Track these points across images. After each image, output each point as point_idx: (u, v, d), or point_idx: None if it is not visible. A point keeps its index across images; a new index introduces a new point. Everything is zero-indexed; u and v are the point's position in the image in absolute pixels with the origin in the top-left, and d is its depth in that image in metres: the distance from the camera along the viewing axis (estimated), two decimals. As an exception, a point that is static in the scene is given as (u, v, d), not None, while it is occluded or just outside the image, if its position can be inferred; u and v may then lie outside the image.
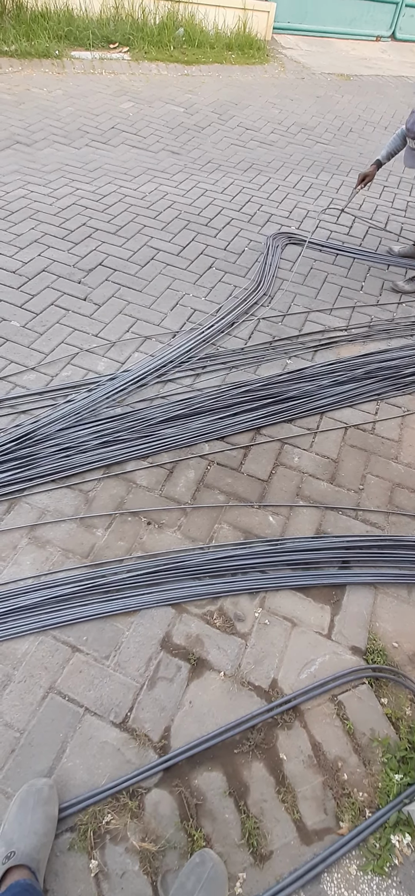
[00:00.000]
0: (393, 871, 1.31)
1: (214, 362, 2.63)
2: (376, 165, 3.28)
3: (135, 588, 1.77)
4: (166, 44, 6.60)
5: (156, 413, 2.33)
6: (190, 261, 3.33)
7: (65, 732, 1.46)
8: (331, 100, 6.24)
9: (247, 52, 7.05)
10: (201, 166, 4.43)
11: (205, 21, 6.98)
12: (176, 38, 6.70)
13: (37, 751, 1.42)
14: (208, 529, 1.96)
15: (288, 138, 5.14)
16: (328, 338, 2.85)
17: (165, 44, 6.60)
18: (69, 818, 1.33)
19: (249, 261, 3.40)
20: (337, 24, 8.07)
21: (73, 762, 1.42)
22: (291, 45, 7.58)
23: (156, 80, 5.93)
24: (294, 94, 6.23)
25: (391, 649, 1.70)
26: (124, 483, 2.08)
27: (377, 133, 5.56)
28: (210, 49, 6.89)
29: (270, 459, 2.23)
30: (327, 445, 2.31)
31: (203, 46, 6.87)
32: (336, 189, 4.37)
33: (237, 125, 5.24)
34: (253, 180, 4.34)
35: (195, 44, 6.81)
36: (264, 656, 1.65)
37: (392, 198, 4.39)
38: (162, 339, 2.73)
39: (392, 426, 2.42)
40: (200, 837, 1.32)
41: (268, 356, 2.69)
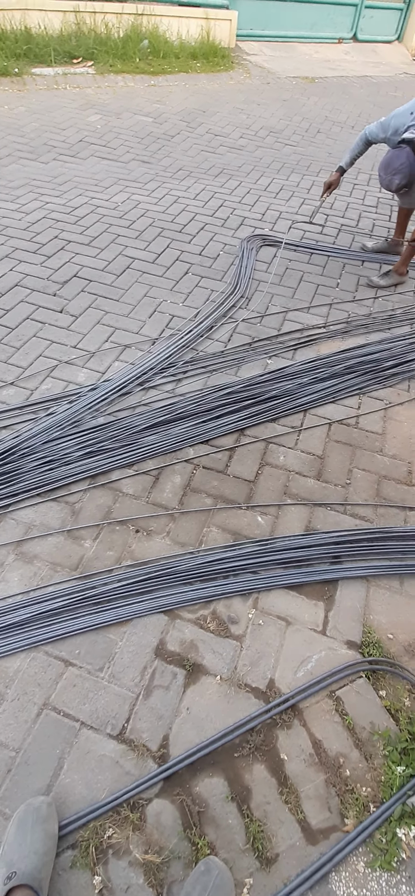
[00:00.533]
0: (401, 866, 1.30)
1: (195, 366, 2.62)
2: (339, 172, 3.28)
3: (126, 597, 1.75)
4: (131, 56, 6.62)
5: (139, 420, 2.31)
6: (166, 267, 3.33)
7: (61, 748, 1.43)
8: (297, 102, 6.31)
9: (212, 61, 7.11)
10: (173, 174, 4.44)
11: (169, 32, 7.02)
12: (141, 50, 6.72)
13: (33, 769, 1.38)
14: (197, 533, 1.95)
15: (257, 142, 5.18)
16: (307, 336, 2.86)
17: (130, 56, 6.62)
18: (70, 835, 1.30)
19: (224, 264, 3.40)
20: (299, 28, 8.18)
21: (72, 778, 1.39)
22: (255, 52, 7.66)
23: (123, 92, 5.94)
24: (261, 98, 6.29)
25: (387, 641, 1.70)
26: (110, 492, 2.05)
27: (345, 133, 5.63)
28: (175, 59, 6.93)
29: (255, 460, 2.22)
30: (311, 442, 2.31)
31: (168, 57, 6.91)
32: (307, 189, 4.42)
33: (206, 132, 5.27)
34: (224, 185, 4.36)
35: (160, 55, 6.85)
36: (260, 657, 1.64)
37: (363, 195, 4.45)
38: (142, 347, 2.72)
39: (375, 419, 2.44)
40: (205, 845, 1.30)
41: (248, 357, 2.69)
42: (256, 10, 7.73)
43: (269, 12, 7.84)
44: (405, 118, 2.78)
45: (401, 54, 8.60)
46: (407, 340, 2.84)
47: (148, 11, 6.76)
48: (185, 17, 7.08)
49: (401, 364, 2.68)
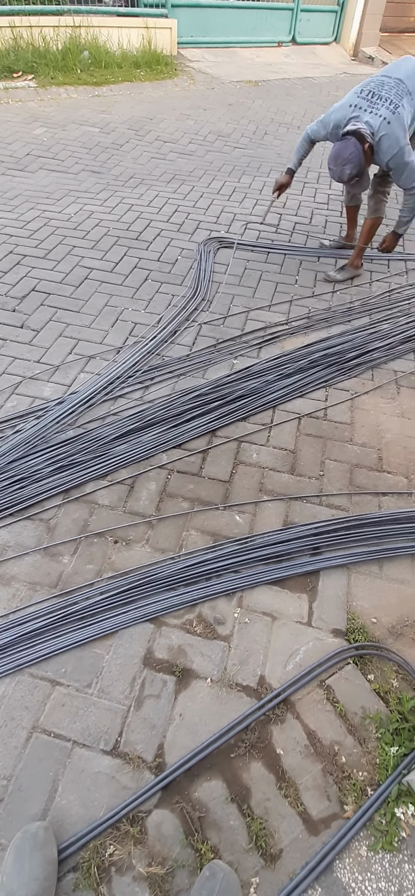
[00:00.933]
0: (402, 845, 1.32)
1: (162, 372, 2.61)
2: (288, 174, 3.31)
3: (109, 610, 1.72)
4: (72, 67, 6.56)
5: (109, 430, 2.28)
6: (125, 276, 3.30)
7: (54, 770, 1.39)
8: (243, 106, 6.39)
9: (155, 69, 7.12)
10: (124, 182, 4.41)
11: (109, 42, 6.99)
12: (82, 62, 6.67)
13: (27, 795, 1.34)
14: (177, 538, 1.94)
15: (206, 147, 5.22)
16: (271, 333, 2.89)
17: (71, 68, 6.55)
18: (70, 858, 1.27)
19: (183, 269, 3.40)
20: (239, 33, 8.29)
21: (67, 799, 1.35)
22: (198, 58, 7.71)
23: (67, 104, 5.87)
24: (206, 104, 6.33)
25: (371, 625, 1.73)
26: (86, 505, 2.02)
27: (291, 133, 5.74)
28: (118, 68, 6.91)
29: (229, 460, 2.23)
30: (283, 438, 2.33)
31: (111, 67, 6.88)
32: (259, 190, 4.47)
33: (155, 139, 5.26)
34: (177, 190, 4.36)
35: (102, 65, 6.81)
36: (249, 655, 1.64)
37: (314, 193, 4.54)
38: (106, 357, 2.69)
39: (343, 410, 2.48)
40: (208, 850, 1.29)
41: (214, 359, 2.70)
42: (196, 17, 7.79)
43: (208, 19, 7.91)
44: (345, 111, 2.83)
45: (339, 55, 8.84)
46: (367, 331, 2.91)
47: (86, 23, 6.71)
48: (124, 27, 7.06)
49: (363, 354, 2.74)
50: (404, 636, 1.71)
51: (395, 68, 2.89)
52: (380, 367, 2.73)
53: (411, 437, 2.37)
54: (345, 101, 2.87)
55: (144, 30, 7.17)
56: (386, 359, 2.77)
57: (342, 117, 2.84)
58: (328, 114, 2.96)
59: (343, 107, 2.86)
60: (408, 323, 3.00)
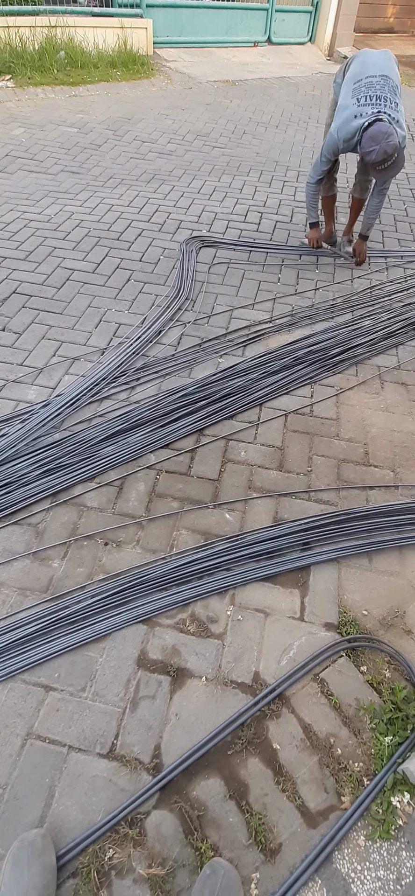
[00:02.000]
0: (399, 833, 1.34)
1: (147, 372, 2.60)
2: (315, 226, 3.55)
3: (102, 612, 1.71)
4: (49, 68, 6.50)
5: (96, 432, 2.27)
6: (107, 276, 3.28)
7: (51, 776, 1.38)
8: (221, 106, 6.40)
9: (131, 69, 7.08)
10: (104, 182, 4.39)
11: (85, 42, 6.94)
12: (58, 61, 6.61)
13: (23, 802, 1.33)
14: (167, 538, 1.93)
15: (185, 146, 5.21)
16: (255, 331, 2.91)
17: (48, 68, 6.50)
18: (69, 864, 1.26)
19: (166, 268, 3.40)
20: (215, 33, 8.30)
21: (65, 805, 1.34)
22: (174, 58, 7.70)
23: (44, 104, 5.81)
24: (184, 103, 6.33)
25: (362, 617, 1.75)
26: (74, 508, 2.00)
27: (269, 132, 5.77)
28: (95, 68, 6.86)
29: (217, 458, 2.23)
30: (270, 435, 2.34)
31: (87, 67, 6.83)
32: (239, 189, 4.49)
33: (134, 139, 5.24)
34: (158, 190, 4.35)
35: (79, 65, 6.76)
36: (243, 652, 1.64)
37: (294, 191, 4.57)
38: (91, 358, 2.67)
39: (329, 406, 2.50)
40: (208, 848, 1.29)
41: (199, 358, 2.70)
42: (171, 17, 7.78)
43: (183, 19, 7.90)
44: (352, 123, 2.81)
45: (315, 55, 8.90)
46: (350, 327, 2.94)
47: (61, 23, 6.66)
48: (100, 27, 7.01)
49: (347, 350, 2.77)
50: (394, 627, 1.74)
51: (372, 66, 2.91)
52: (364, 363, 2.77)
53: (395, 430, 2.40)
54: (347, 115, 2.83)
55: (120, 30, 7.14)
56: (369, 354, 2.80)
57: (353, 128, 2.82)
58: (330, 142, 2.94)
59: (347, 121, 2.83)
60: (389, 319, 3.04)
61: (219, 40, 8.39)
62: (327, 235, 3.73)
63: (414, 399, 2.58)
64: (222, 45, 8.43)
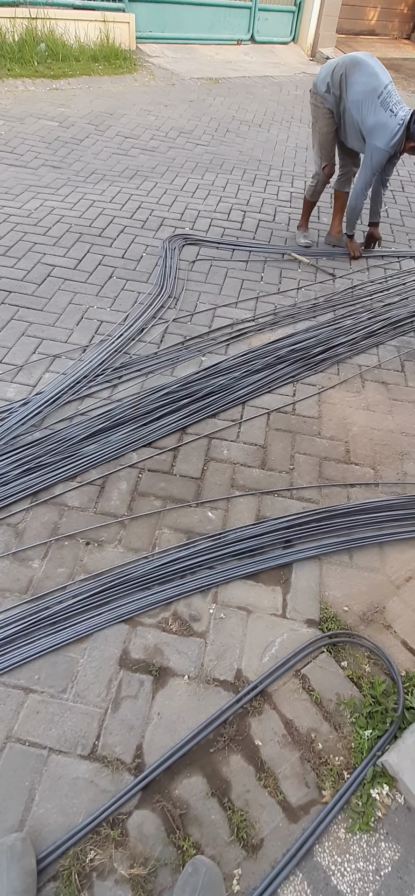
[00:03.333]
0: (378, 825, 1.36)
1: (130, 370, 2.59)
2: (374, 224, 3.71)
3: (83, 612, 1.70)
4: (29, 60, 6.42)
5: (77, 431, 2.25)
6: (89, 273, 3.26)
7: (31, 779, 1.37)
8: (204, 103, 6.38)
9: (114, 63, 7.03)
10: (85, 178, 4.35)
11: (66, 35, 6.86)
12: (38, 54, 6.53)
13: (3, 806, 1.31)
14: (150, 537, 1.93)
15: (168, 143, 5.19)
16: (238, 330, 2.91)
17: (28, 60, 6.41)
18: (50, 867, 1.25)
19: (148, 266, 3.38)
20: (198, 30, 8.27)
21: (45, 808, 1.33)
22: (157, 53, 7.66)
23: (24, 97, 5.73)
24: (167, 100, 6.30)
25: (343, 613, 1.76)
26: (55, 508, 1.98)
27: (253, 131, 5.77)
28: (76, 62, 6.80)
29: (200, 456, 2.23)
30: (253, 433, 2.35)
31: (68, 60, 6.76)
32: (222, 188, 4.49)
33: (116, 134, 5.20)
34: (140, 187, 4.33)
35: (60, 57, 6.69)
36: (225, 650, 1.65)
37: (277, 190, 4.58)
38: (72, 356, 2.64)
39: (311, 404, 2.52)
40: (190, 846, 1.29)
41: (182, 356, 2.69)
42: (154, 12, 7.73)
43: (166, 14, 7.87)
44: (393, 126, 3.01)
45: (297, 55, 8.93)
46: (331, 327, 2.96)
47: (42, 15, 6.57)
48: (82, 19, 6.94)
49: (328, 349, 2.79)
50: (374, 622, 1.76)
51: (381, 74, 3.07)
52: (345, 362, 2.79)
53: (376, 429, 2.43)
54: (391, 126, 3.01)
55: (102, 23, 7.07)
56: (351, 354, 2.83)
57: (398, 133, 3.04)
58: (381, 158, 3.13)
59: (392, 130, 3.02)
60: (370, 319, 3.07)
61: (202, 37, 8.37)
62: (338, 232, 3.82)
63: (394, 398, 2.61)
64: (206, 42, 8.41)
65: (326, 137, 3.32)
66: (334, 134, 3.30)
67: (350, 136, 3.26)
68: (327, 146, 3.36)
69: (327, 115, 3.22)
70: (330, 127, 3.26)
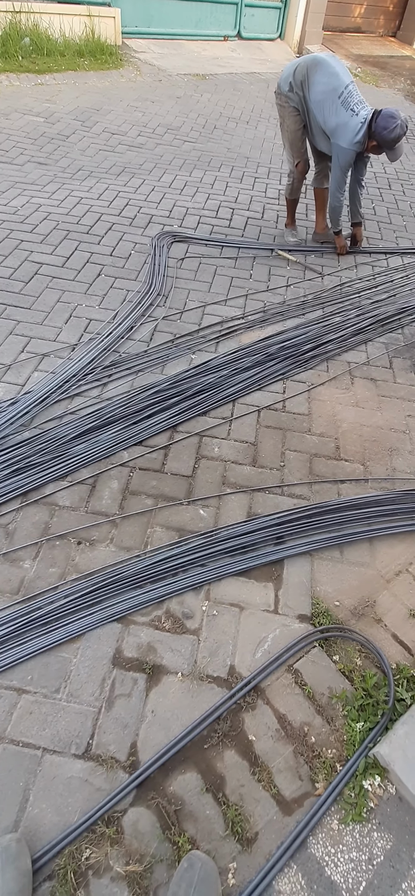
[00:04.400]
0: (371, 815, 1.38)
1: (120, 369, 2.58)
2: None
3: (75, 612, 1.70)
4: (13, 54, 6.35)
5: (67, 430, 2.24)
6: (77, 271, 3.24)
7: (25, 780, 1.37)
8: (191, 99, 6.37)
9: (99, 58, 6.98)
10: (72, 174, 4.32)
11: (51, 29, 6.79)
12: (23, 48, 6.46)
13: (-2, 809, 1.31)
14: (141, 536, 1.93)
15: (156, 139, 5.17)
16: (228, 328, 2.92)
17: (12, 54, 6.34)
18: (45, 866, 1.25)
19: (137, 263, 3.37)
20: (184, 26, 8.24)
21: (40, 808, 1.33)
22: (143, 49, 7.61)
23: (8, 92, 5.67)
24: (154, 96, 6.27)
25: (334, 608, 1.78)
26: (46, 507, 1.98)
27: (240, 128, 5.77)
28: (61, 57, 6.73)
29: (191, 454, 2.23)
30: (243, 431, 2.36)
31: (53, 55, 6.70)
32: (210, 185, 4.48)
33: (103, 130, 5.17)
34: (128, 184, 4.31)
35: (44, 52, 6.62)
36: (218, 646, 1.66)
37: (265, 188, 4.59)
38: (61, 354, 2.63)
39: (301, 401, 2.54)
40: (185, 842, 1.30)
41: (172, 354, 2.69)
42: (140, 7, 7.68)
43: (152, 10, 7.82)
44: (354, 126, 3.04)
45: (284, 51, 8.93)
46: (320, 324, 2.98)
47: (26, 9, 6.50)
48: (66, 14, 6.87)
49: (318, 346, 2.81)
50: (365, 616, 1.78)
51: (342, 74, 3.09)
52: (334, 359, 2.81)
53: (365, 425, 2.45)
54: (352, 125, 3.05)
55: (87, 18, 7.01)
56: (340, 350, 2.85)
57: (360, 132, 3.06)
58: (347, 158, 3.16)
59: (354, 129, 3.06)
60: (358, 316, 3.10)
61: (189, 33, 8.33)
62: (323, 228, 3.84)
63: (383, 394, 2.64)
64: (192, 38, 8.37)
65: (294, 135, 3.36)
66: (303, 130, 3.34)
67: (317, 137, 3.31)
68: (297, 143, 3.39)
69: (293, 114, 3.27)
70: (297, 124, 3.30)
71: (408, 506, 2.08)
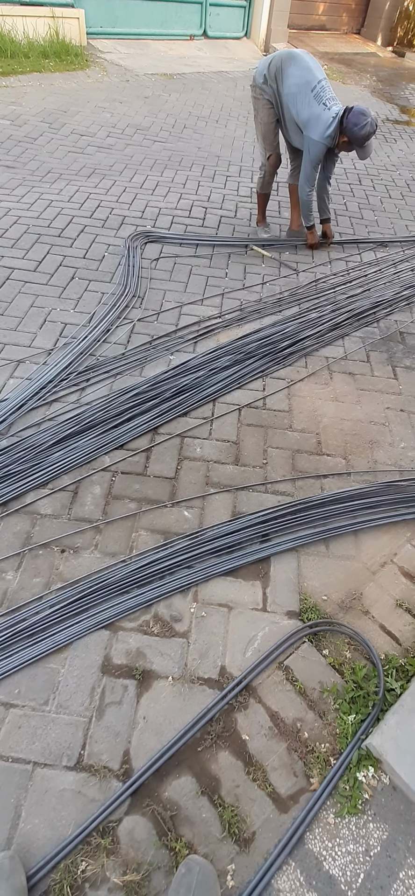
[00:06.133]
0: (366, 806, 1.39)
1: (98, 372, 2.55)
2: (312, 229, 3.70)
3: (61, 622, 1.67)
4: (-24, 57, 6.23)
5: (46, 436, 2.21)
6: (50, 275, 3.19)
7: (16, 796, 1.34)
8: (159, 99, 6.34)
9: (65, 59, 6.90)
10: (42, 177, 4.25)
11: (14, 31, 6.70)
12: (-15, 50, 6.35)
13: (-11, 828, 1.28)
14: (126, 540, 1.91)
15: (125, 140, 5.13)
16: (205, 327, 2.91)
17: (-26, 57, 6.22)
18: (41, 882, 1.23)
19: (111, 265, 3.34)
20: (150, 25, 8.20)
21: (32, 823, 1.30)
22: (109, 49, 7.55)
23: (-28, 95, 5.56)
24: (122, 96, 6.22)
25: (322, 603, 1.79)
26: (27, 517, 1.94)
27: (210, 127, 5.76)
28: (25, 59, 6.64)
29: (173, 456, 2.22)
30: (225, 430, 2.36)
31: (17, 56, 6.60)
32: (182, 184, 4.46)
33: (71, 132, 5.11)
34: (99, 185, 4.26)
35: (8, 54, 6.52)
36: (208, 648, 1.65)
37: (237, 186, 4.59)
38: (36, 360, 2.58)
39: (281, 398, 2.54)
40: (183, 846, 1.29)
41: (150, 356, 2.67)
42: (104, 7, 7.62)
43: (117, 10, 7.76)
44: (326, 119, 3.06)
45: (251, 50, 8.96)
46: (297, 320, 3.00)
47: (-13, 11, 6.40)
48: (30, 16, 6.78)
49: (295, 343, 2.82)
50: (353, 609, 1.79)
51: (315, 69, 3.12)
52: (312, 355, 2.83)
53: (345, 419, 2.47)
54: (324, 119, 3.06)
55: (51, 19, 6.92)
56: (317, 346, 2.87)
57: (332, 125, 3.07)
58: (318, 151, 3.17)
59: (325, 123, 3.07)
60: (334, 311, 3.12)
61: (154, 33, 8.30)
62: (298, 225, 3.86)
63: (361, 388, 2.66)
64: (158, 38, 8.34)
65: (267, 127, 3.39)
66: (276, 124, 3.37)
67: (290, 131, 3.34)
68: (270, 136, 3.42)
69: (266, 106, 3.30)
70: (271, 117, 3.33)
71: (391, 497, 2.10)
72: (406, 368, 2.82)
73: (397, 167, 5.44)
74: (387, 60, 9.96)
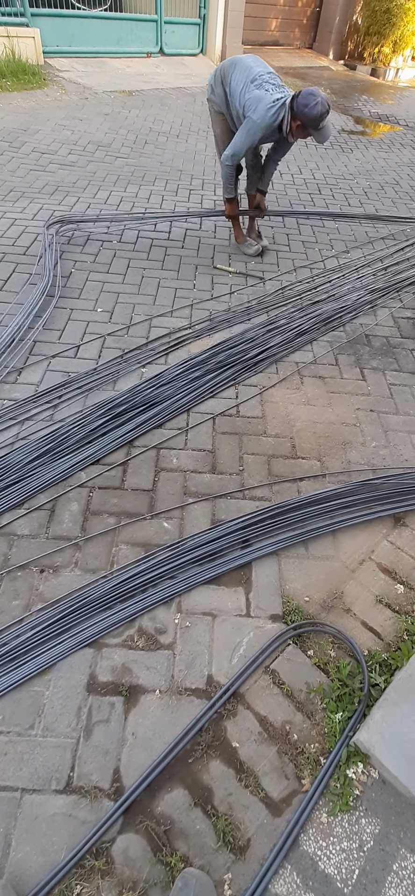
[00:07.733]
0: (357, 803, 1.40)
1: (69, 389, 2.53)
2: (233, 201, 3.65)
3: (44, 643, 1.64)
4: None
5: (20, 456, 2.17)
6: (16, 293, 3.15)
7: (5, 825, 1.30)
8: (119, 116, 6.36)
9: (22, 78, 6.86)
10: (4, 196, 4.21)
11: (-33, 51, 6.64)
12: None
13: (-21, 861, 1.24)
14: (107, 555, 1.89)
15: (87, 157, 5.13)
16: (176, 339, 2.92)
17: None
18: (35, 912, 1.19)
19: (79, 281, 3.32)
20: (106, 44, 8.24)
21: (24, 851, 1.27)
22: (67, 68, 7.55)
23: None
24: (82, 114, 6.22)
25: (305, 604, 1.81)
26: (3, 538, 1.90)
27: (170, 142, 5.81)
28: (-19, 79, 6.58)
29: (149, 468, 2.21)
30: (200, 439, 2.36)
31: (-27, 76, 6.54)
32: (146, 199, 4.48)
33: (32, 150, 5.08)
34: (63, 202, 4.24)
35: (-37, 74, 6.45)
36: (194, 657, 1.64)
37: (201, 199, 4.62)
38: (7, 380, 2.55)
39: (254, 405, 2.56)
40: (178, 860, 1.28)
41: (123, 370, 2.66)
42: (59, 26, 7.62)
43: (72, 29, 7.77)
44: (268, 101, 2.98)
45: (207, 65, 9.09)
46: (266, 328, 3.03)
47: None
48: (-17, 36, 6.74)
49: (265, 350, 2.86)
50: (334, 608, 1.81)
51: (259, 65, 3.15)
52: (282, 361, 2.86)
53: (318, 422, 2.51)
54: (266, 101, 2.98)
55: (6, 38, 6.88)
56: (287, 352, 2.91)
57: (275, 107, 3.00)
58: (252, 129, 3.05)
59: (267, 106, 2.98)
60: (301, 317, 3.17)
61: (111, 50, 8.34)
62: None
63: (332, 390, 2.71)
64: (115, 56, 8.38)
65: (220, 138, 3.50)
66: (229, 133, 3.41)
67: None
68: (222, 146, 3.46)
69: (218, 117, 3.41)
70: (223, 126, 3.43)
71: (365, 496, 2.14)
72: (373, 369, 2.88)
73: (354, 176, 5.58)
74: (339, 73, 10.24)
